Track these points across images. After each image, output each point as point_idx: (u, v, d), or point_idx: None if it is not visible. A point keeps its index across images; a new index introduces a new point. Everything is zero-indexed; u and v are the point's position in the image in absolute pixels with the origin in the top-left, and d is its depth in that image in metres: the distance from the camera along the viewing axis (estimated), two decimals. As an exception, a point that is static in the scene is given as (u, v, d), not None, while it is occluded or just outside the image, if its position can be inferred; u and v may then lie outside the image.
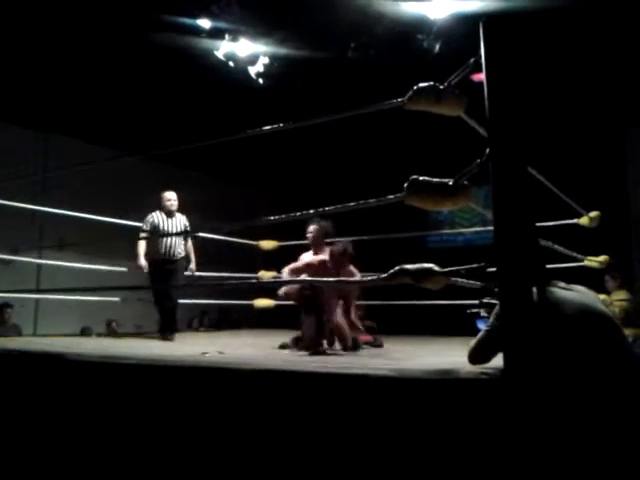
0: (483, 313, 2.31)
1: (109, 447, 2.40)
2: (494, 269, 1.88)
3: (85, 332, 4.51)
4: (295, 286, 3.82)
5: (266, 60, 6.60)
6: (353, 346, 3.83)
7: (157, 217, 5.12)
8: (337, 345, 3.94)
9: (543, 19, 5.19)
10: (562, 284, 2.06)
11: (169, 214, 5.13)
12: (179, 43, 6.22)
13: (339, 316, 3.90)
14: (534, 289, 1.88)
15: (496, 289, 1.92)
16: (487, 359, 2.06)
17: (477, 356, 2.11)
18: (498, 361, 1.84)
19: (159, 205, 5.14)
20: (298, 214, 3.30)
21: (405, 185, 2.11)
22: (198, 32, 6.24)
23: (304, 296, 3.76)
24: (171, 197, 5.17)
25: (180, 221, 5.21)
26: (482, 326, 2.23)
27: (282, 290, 3.93)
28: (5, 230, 4.77)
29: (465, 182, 2.08)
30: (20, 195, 4.47)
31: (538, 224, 1.95)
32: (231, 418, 2.17)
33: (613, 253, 4.53)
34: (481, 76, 1.98)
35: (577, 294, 2.03)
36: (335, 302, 3.90)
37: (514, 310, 1.80)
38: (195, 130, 5.81)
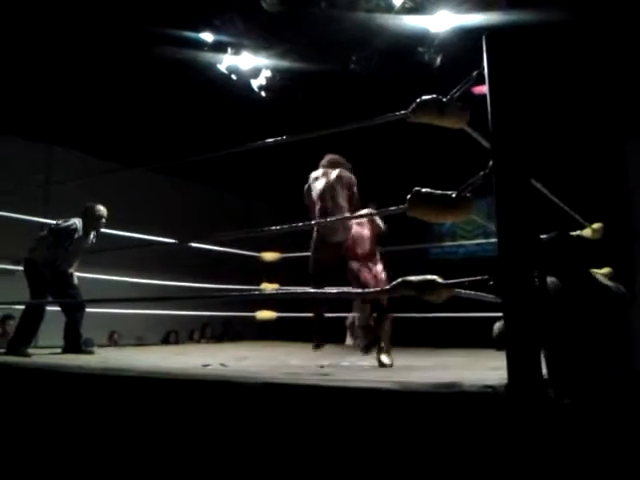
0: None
1: (111, 462, 2.39)
2: (497, 281, 1.88)
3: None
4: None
5: (268, 73, 6.63)
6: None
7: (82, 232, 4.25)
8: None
9: (545, 32, 5.21)
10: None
11: (90, 232, 4.35)
12: (182, 57, 6.25)
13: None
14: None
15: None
16: None
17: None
18: (502, 373, 1.83)
19: (87, 217, 4.29)
20: (300, 224, 3.32)
21: (408, 197, 2.12)
22: (200, 45, 6.27)
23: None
24: (106, 215, 4.35)
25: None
26: None
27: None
28: (7, 241, 4.77)
29: (468, 194, 2.08)
30: (23, 207, 4.47)
31: (541, 236, 1.95)
32: (236, 432, 2.15)
33: (616, 265, 4.51)
34: (482, 89, 1.99)
35: None
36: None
37: (518, 321, 1.80)
38: (198, 143, 5.83)
